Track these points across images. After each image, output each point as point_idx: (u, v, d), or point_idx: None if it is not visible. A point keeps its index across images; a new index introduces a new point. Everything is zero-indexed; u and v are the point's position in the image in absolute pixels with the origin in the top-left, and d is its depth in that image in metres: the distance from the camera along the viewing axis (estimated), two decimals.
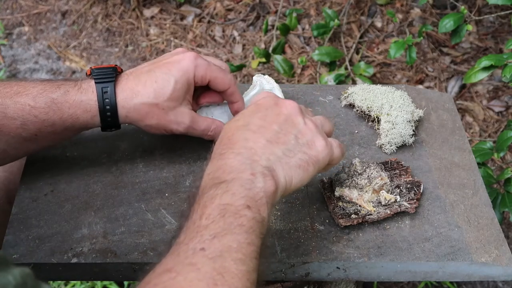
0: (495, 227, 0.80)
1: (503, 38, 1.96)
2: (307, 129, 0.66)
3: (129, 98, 0.75)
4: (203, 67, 0.77)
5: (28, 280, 0.42)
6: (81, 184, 0.82)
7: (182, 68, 0.76)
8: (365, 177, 0.79)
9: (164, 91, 0.75)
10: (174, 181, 0.83)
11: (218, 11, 2.12)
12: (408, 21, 2.03)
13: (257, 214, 0.58)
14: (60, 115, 0.73)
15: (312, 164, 0.65)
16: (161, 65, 0.77)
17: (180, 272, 0.52)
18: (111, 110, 0.74)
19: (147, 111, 0.75)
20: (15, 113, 0.72)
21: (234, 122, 0.67)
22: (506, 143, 1.12)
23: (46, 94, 0.73)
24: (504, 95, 1.84)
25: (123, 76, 0.76)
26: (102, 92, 0.74)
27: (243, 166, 0.60)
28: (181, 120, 0.77)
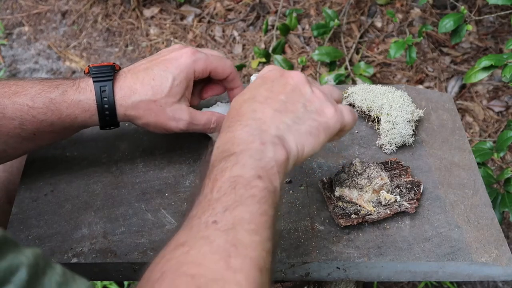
0: (495, 227, 0.80)
1: (503, 38, 1.96)
2: (315, 97, 0.65)
3: (127, 96, 0.75)
4: (202, 60, 0.77)
5: (40, 260, 0.43)
6: (81, 184, 0.82)
7: (180, 65, 0.76)
8: (365, 177, 0.79)
9: (162, 88, 0.75)
10: (174, 181, 0.83)
11: (218, 11, 2.12)
12: (408, 21, 2.03)
13: (268, 184, 0.57)
14: (59, 115, 0.73)
15: (323, 130, 0.64)
16: (159, 62, 0.76)
17: (193, 246, 0.52)
18: (109, 109, 0.74)
19: (145, 109, 0.75)
20: (13, 113, 0.72)
21: (241, 96, 0.66)
22: (506, 143, 1.12)
23: (44, 94, 0.73)
24: (504, 95, 1.84)
25: (121, 74, 0.76)
26: (100, 91, 0.74)
27: (252, 137, 0.60)
28: (179, 116, 0.77)
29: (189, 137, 0.89)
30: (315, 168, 0.86)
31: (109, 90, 0.74)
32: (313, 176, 0.84)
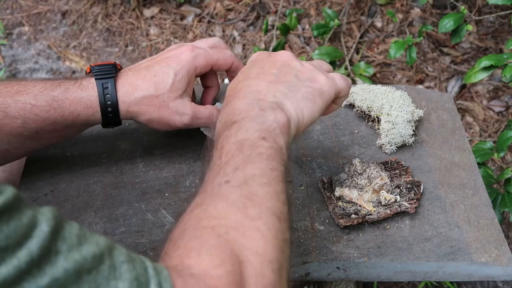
0: (495, 227, 0.80)
1: (503, 38, 1.96)
2: (305, 69, 0.68)
3: (129, 93, 0.75)
4: (201, 56, 0.78)
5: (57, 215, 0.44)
6: (81, 184, 0.82)
7: (181, 61, 0.77)
8: (365, 177, 0.79)
9: (164, 84, 0.76)
10: (174, 181, 0.83)
11: (218, 11, 2.12)
12: (408, 21, 2.03)
13: (273, 143, 0.59)
14: (61, 112, 0.74)
15: (318, 95, 0.66)
16: (160, 60, 0.77)
17: (210, 203, 0.54)
18: (112, 106, 0.75)
19: (148, 104, 0.76)
20: (16, 112, 0.72)
21: (234, 79, 0.69)
22: (506, 143, 1.12)
23: (46, 92, 0.73)
24: (504, 95, 1.84)
25: (123, 72, 0.77)
26: (102, 87, 0.74)
27: (250, 106, 0.62)
28: (182, 110, 0.77)
29: (189, 137, 0.89)
30: (315, 168, 0.86)
31: (111, 87, 0.74)
32: (313, 176, 0.84)
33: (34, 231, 0.41)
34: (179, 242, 0.51)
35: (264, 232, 0.51)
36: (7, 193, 0.41)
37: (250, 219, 0.52)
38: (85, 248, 0.43)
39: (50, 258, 0.41)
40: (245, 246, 0.50)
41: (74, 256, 0.42)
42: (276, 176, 0.57)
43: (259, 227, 0.51)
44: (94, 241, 0.45)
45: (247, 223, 0.51)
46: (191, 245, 0.50)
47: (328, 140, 0.90)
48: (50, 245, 0.41)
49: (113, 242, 0.47)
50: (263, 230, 0.51)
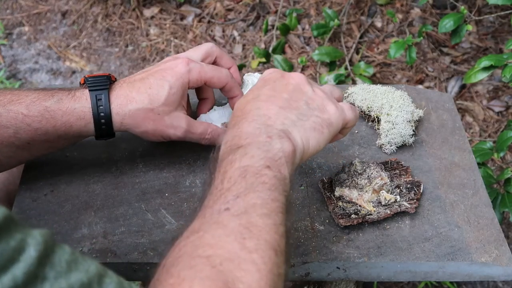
0: (495, 227, 0.80)
1: (503, 38, 1.96)
2: (316, 96, 0.67)
3: (123, 105, 0.74)
4: (196, 70, 0.77)
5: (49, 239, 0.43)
6: (81, 184, 0.82)
7: (175, 74, 0.76)
8: (365, 177, 0.79)
9: (158, 96, 0.75)
10: (174, 181, 0.83)
11: (218, 11, 2.12)
12: (408, 21, 2.03)
13: (277, 173, 0.58)
14: (53, 123, 0.73)
15: (326, 126, 0.66)
16: (154, 72, 0.77)
17: (207, 230, 0.53)
18: (105, 117, 0.74)
19: (143, 117, 0.75)
20: (7, 121, 0.72)
21: (244, 98, 0.68)
22: (506, 143, 1.12)
23: (39, 103, 0.73)
24: (504, 95, 1.84)
25: (117, 84, 0.76)
26: (96, 99, 0.73)
27: (258, 131, 0.61)
28: (177, 124, 0.77)
29: None
30: (315, 168, 0.86)
31: (105, 98, 0.74)
32: (313, 176, 0.84)
33: (21, 255, 0.40)
34: (172, 269, 0.50)
35: (260, 265, 0.50)
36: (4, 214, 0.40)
37: (247, 250, 0.51)
38: (73, 275, 0.42)
39: (36, 285, 0.40)
40: (239, 278, 0.49)
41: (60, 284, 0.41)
42: (276, 207, 0.56)
43: (255, 260, 0.50)
44: (84, 268, 0.43)
45: (243, 255, 0.51)
46: (184, 275, 0.49)
47: None
48: (36, 271, 0.40)
49: (105, 270, 0.46)
50: (258, 264, 0.50)
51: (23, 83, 2.00)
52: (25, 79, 2.01)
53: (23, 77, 2.02)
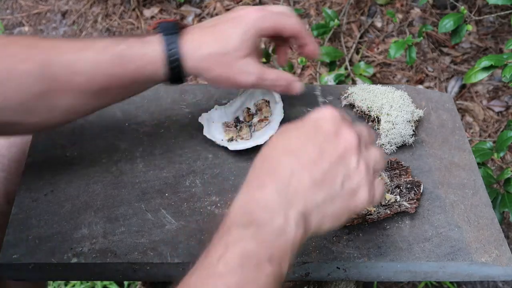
0: (495, 227, 0.80)
1: (503, 38, 1.96)
2: (356, 173, 0.59)
3: (195, 49, 0.74)
4: (267, 17, 0.77)
5: None
6: (81, 184, 0.82)
7: (248, 21, 0.76)
8: None
9: (231, 41, 0.75)
10: (174, 181, 0.83)
11: (218, 11, 2.12)
12: (408, 21, 2.03)
13: (277, 267, 0.54)
14: (126, 68, 0.73)
15: (347, 214, 0.60)
16: (227, 20, 0.77)
17: None
18: (176, 62, 0.74)
19: (214, 62, 0.75)
20: (80, 68, 0.72)
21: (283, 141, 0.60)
22: (506, 143, 1.12)
23: (110, 49, 0.73)
24: (504, 95, 1.84)
25: (189, 30, 0.76)
26: (167, 43, 0.74)
27: (278, 206, 0.56)
28: (249, 70, 0.76)
29: (189, 137, 0.89)
30: None
31: (177, 42, 0.74)
32: None
33: None
34: None
35: None
36: None
37: None
38: None
39: None
40: None
41: None
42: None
43: None
44: None
45: None
46: None
47: None
48: None
49: None
50: None
51: None
52: None
53: None
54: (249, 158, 0.86)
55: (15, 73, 0.69)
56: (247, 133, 0.88)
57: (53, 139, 0.88)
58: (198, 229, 0.77)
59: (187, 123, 0.91)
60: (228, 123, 0.89)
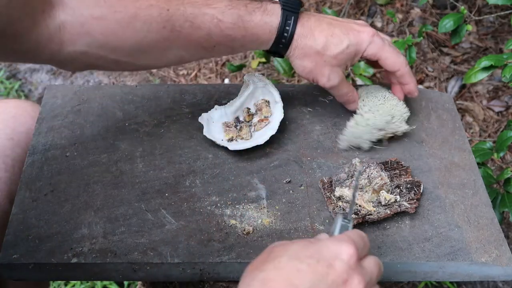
0: (495, 227, 0.80)
1: (503, 38, 1.96)
2: None
3: (304, 36, 0.79)
4: (376, 45, 0.81)
5: None
6: (81, 184, 0.82)
7: (358, 37, 0.80)
8: (365, 177, 0.79)
9: (333, 47, 0.80)
10: (174, 181, 0.83)
11: None
12: (408, 21, 2.03)
13: None
14: (244, 32, 0.77)
15: None
16: (342, 25, 0.81)
17: None
18: (286, 39, 0.79)
19: (310, 55, 0.80)
20: (202, 23, 0.74)
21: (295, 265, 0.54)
22: (506, 143, 1.12)
23: (234, 10, 0.76)
24: (504, 95, 1.84)
25: (306, 13, 0.81)
26: (286, 19, 0.78)
27: None
28: (332, 78, 0.82)
29: (189, 137, 0.89)
30: (315, 168, 0.86)
31: (294, 21, 0.78)
32: (313, 176, 0.84)
33: None
34: None
35: None
36: None
37: None
38: None
39: None
40: None
41: None
42: None
43: None
44: None
45: None
46: None
47: (328, 140, 0.90)
48: None
49: None
50: None
51: (23, 83, 2.00)
52: (25, 79, 2.01)
53: (23, 77, 2.02)
54: (249, 158, 0.86)
55: (139, 17, 0.72)
56: (247, 133, 0.88)
57: (53, 139, 0.88)
58: (198, 229, 0.77)
59: (187, 123, 0.91)
60: (228, 123, 0.89)
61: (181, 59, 0.81)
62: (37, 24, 0.68)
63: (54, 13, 0.69)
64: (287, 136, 0.90)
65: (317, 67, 0.81)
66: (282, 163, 0.86)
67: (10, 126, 0.93)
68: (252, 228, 0.77)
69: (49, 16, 0.69)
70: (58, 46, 0.71)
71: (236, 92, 0.94)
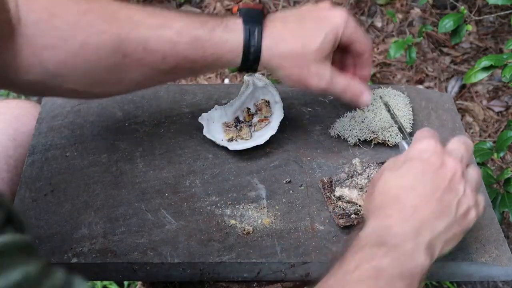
0: (495, 227, 0.80)
1: (503, 38, 1.96)
2: (465, 198, 0.65)
3: (275, 44, 0.73)
4: (352, 27, 0.75)
5: None
6: (81, 184, 0.82)
7: (332, 24, 0.74)
8: (365, 177, 0.79)
9: (312, 43, 0.73)
10: (174, 181, 0.83)
11: (218, 11, 2.12)
12: (408, 21, 2.03)
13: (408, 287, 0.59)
14: (203, 52, 0.72)
15: (462, 234, 0.66)
16: (311, 16, 0.75)
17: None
18: (254, 53, 0.73)
19: (292, 60, 0.74)
20: (157, 46, 0.71)
21: (398, 179, 0.65)
22: (506, 143, 1.12)
23: (191, 30, 0.71)
24: (504, 95, 1.84)
25: (270, 21, 0.74)
26: (249, 33, 0.72)
27: (407, 235, 0.61)
28: (323, 73, 0.75)
29: (189, 137, 0.89)
30: (315, 168, 0.86)
31: (258, 34, 0.72)
32: (313, 176, 0.84)
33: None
34: None
35: None
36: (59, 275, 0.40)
37: None
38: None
39: None
40: None
41: None
42: None
43: None
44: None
45: None
46: None
47: (328, 140, 0.90)
48: None
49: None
50: None
51: None
52: None
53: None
54: (249, 158, 0.86)
55: (89, 45, 0.69)
56: (247, 133, 0.88)
57: (53, 139, 0.88)
58: (198, 229, 0.77)
59: (187, 123, 0.91)
60: (228, 123, 0.89)
61: (140, 84, 0.77)
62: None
63: (11, 40, 0.67)
64: (287, 136, 0.90)
65: (303, 70, 0.74)
66: (282, 163, 0.86)
67: (13, 127, 0.93)
68: (252, 228, 0.77)
69: (8, 43, 0.66)
70: (14, 74, 0.68)
71: (236, 92, 0.94)
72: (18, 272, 0.38)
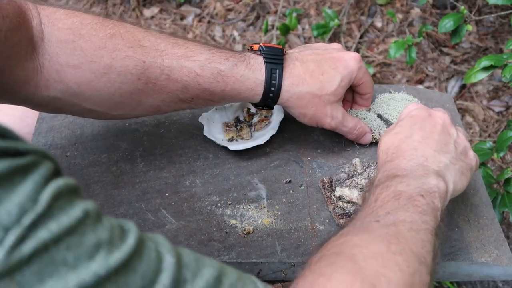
0: (495, 227, 0.80)
1: (503, 38, 1.96)
2: (459, 139, 0.71)
3: (295, 85, 0.77)
4: (363, 71, 0.81)
5: None
6: (81, 184, 0.82)
7: (348, 67, 0.79)
8: (365, 177, 0.79)
9: (329, 85, 0.78)
10: (174, 181, 0.83)
11: (218, 11, 2.12)
12: (408, 21, 2.03)
13: (430, 202, 0.61)
14: (223, 87, 0.75)
15: (469, 171, 0.70)
16: (328, 58, 0.79)
17: (355, 234, 0.56)
18: (274, 92, 0.76)
19: (309, 101, 0.78)
20: (179, 76, 0.73)
21: (395, 135, 0.71)
22: (506, 143, 1.12)
23: (214, 65, 0.74)
24: (504, 95, 1.84)
25: (290, 60, 0.78)
26: (271, 73, 0.75)
27: (415, 167, 0.65)
28: (335, 114, 0.80)
29: (189, 137, 0.89)
30: (315, 168, 0.86)
31: (279, 74, 0.76)
32: (313, 176, 0.84)
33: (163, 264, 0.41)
34: (314, 267, 0.52)
35: (403, 267, 0.51)
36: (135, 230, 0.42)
37: (391, 252, 0.52)
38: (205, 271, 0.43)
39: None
40: (381, 273, 0.50)
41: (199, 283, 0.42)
42: (426, 228, 0.58)
43: (398, 262, 0.52)
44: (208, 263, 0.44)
45: (387, 256, 0.52)
46: (324, 271, 0.51)
47: (328, 140, 0.90)
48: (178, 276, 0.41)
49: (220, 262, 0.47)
50: (401, 265, 0.51)
51: None
52: None
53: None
54: (249, 158, 0.86)
55: (114, 68, 0.70)
56: (247, 133, 0.88)
57: (53, 139, 0.88)
58: (198, 229, 0.77)
59: (187, 123, 0.91)
60: (228, 123, 0.89)
61: (158, 110, 0.78)
62: (19, 65, 0.66)
63: (34, 56, 0.68)
64: (287, 136, 0.90)
65: (318, 110, 0.79)
66: (282, 163, 0.86)
67: (17, 128, 0.93)
68: (252, 228, 0.77)
69: (30, 59, 0.67)
70: (34, 89, 0.69)
71: None
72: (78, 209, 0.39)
